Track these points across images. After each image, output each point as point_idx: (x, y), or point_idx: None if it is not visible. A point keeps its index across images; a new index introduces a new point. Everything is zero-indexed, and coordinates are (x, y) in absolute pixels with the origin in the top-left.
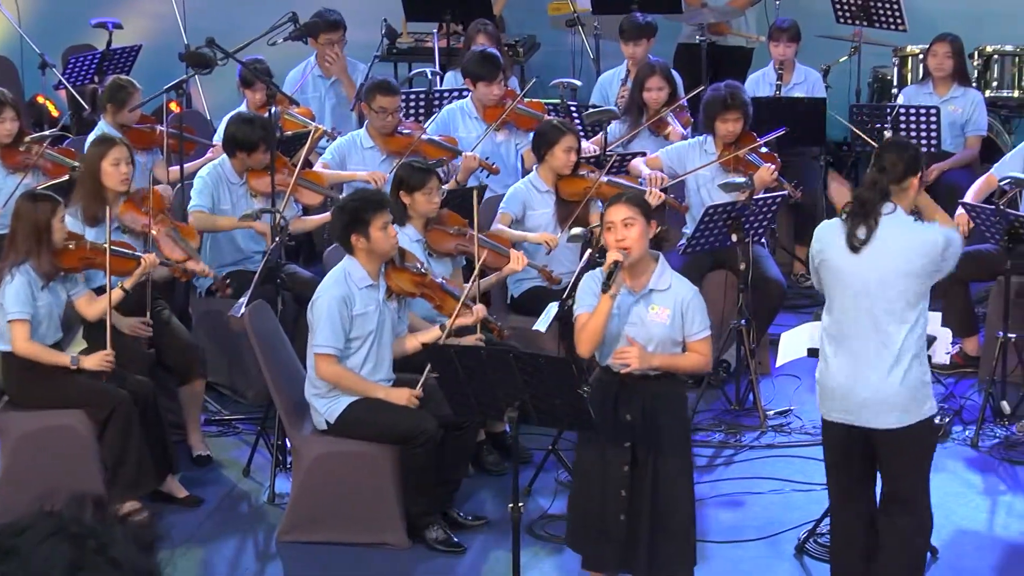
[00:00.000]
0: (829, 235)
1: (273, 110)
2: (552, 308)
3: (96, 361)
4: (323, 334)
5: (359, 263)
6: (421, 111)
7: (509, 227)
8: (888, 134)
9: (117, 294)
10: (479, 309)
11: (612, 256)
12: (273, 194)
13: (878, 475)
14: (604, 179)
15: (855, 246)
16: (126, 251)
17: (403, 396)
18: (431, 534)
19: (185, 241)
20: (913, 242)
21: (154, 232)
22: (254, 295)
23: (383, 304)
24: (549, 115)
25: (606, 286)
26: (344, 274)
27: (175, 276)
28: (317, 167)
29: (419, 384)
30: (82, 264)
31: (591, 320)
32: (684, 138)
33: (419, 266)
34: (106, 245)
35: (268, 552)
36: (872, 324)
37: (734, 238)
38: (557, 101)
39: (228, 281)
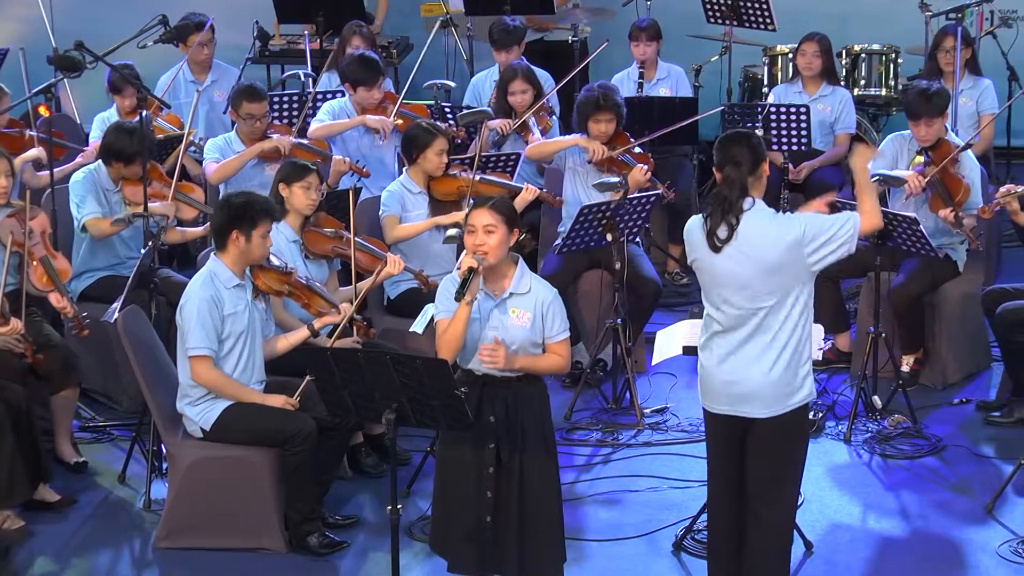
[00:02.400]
0: (694, 235)
1: (144, 114)
2: (429, 309)
3: None
4: (196, 336)
5: (224, 264)
6: (295, 113)
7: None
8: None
9: None
10: (344, 307)
11: (467, 263)
12: (146, 202)
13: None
14: (477, 177)
15: (716, 246)
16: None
17: (279, 401)
18: (312, 541)
19: (56, 272)
20: (774, 235)
21: (32, 255)
22: (127, 300)
23: (252, 304)
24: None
25: (460, 294)
26: (210, 275)
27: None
28: (208, 167)
29: (296, 393)
30: None
31: (450, 327)
32: None
33: (284, 265)
34: None
35: (145, 559)
36: (744, 317)
37: (609, 237)
38: (431, 102)
39: (87, 321)
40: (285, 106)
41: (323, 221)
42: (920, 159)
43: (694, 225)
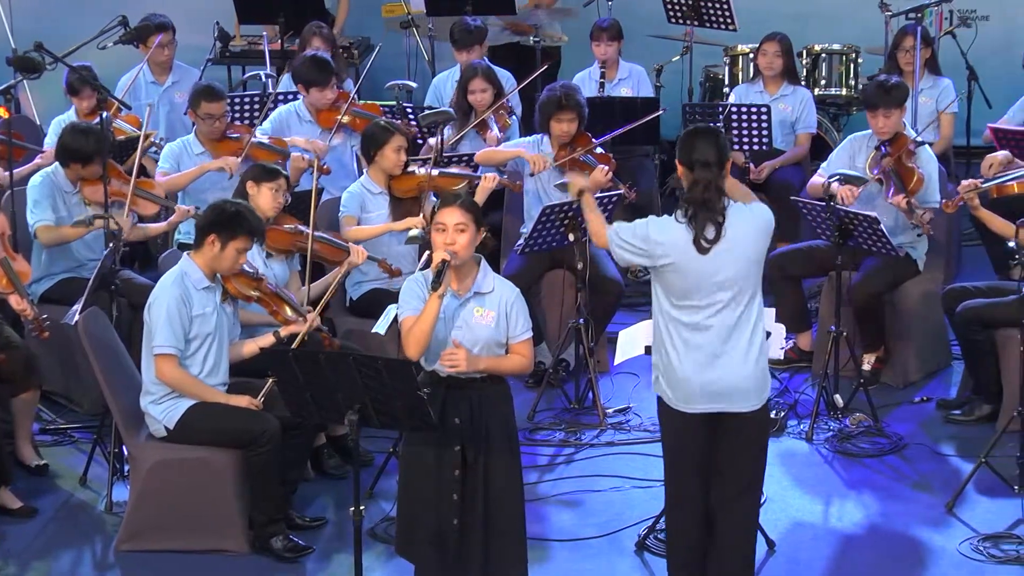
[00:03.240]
0: (673, 238)
1: (104, 115)
2: (391, 310)
3: None
4: (163, 334)
5: (197, 265)
6: (256, 114)
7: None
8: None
9: None
10: (311, 317)
11: (439, 256)
12: (106, 202)
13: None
14: (435, 172)
15: (704, 247)
16: None
17: (243, 402)
18: (276, 544)
19: (15, 274)
20: (756, 226)
21: None
22: (88, 302)
23: (220, 306)
24: (384, 116)
25: (436, 284)
26: (181, 275)
27: None
28: (157, 176)
29: (260, 394)
30: None
31: (419, 322)
32: (499, 142)
33: (255, 271)
34: None
35: (107, 562)
36: (729, 314)
37: (571, 237)
38: (393, 103)
39: (47, 323)
40: (246, 107)
41: (281, 219)
42: (877, 153)
43: (670, 226)
